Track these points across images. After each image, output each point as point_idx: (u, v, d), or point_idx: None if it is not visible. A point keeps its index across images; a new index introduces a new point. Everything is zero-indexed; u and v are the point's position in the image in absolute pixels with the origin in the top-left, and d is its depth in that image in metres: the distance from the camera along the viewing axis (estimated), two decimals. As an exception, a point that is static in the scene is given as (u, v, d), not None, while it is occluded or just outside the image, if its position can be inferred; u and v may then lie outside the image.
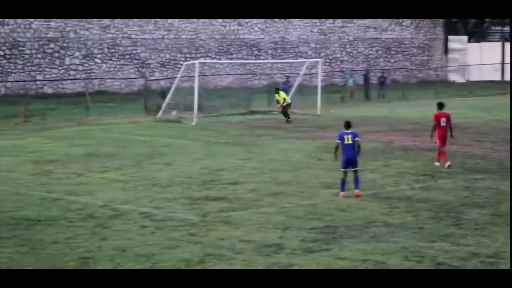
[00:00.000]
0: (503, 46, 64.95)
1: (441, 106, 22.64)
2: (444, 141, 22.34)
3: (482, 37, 72.44)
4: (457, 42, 65.61)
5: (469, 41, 67.04)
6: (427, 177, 20.45)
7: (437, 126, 22.28)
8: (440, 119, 22.28)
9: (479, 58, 64.06)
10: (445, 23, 65.48)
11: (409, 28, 63.42)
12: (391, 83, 55.93)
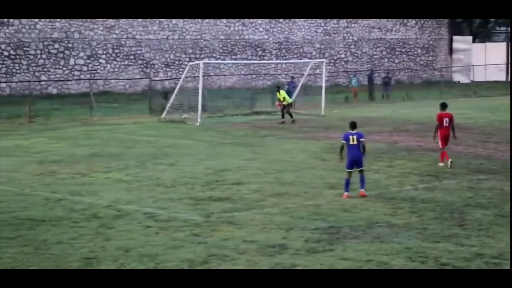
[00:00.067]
0: (507, 46, 64.87)
1: (444, 106, 22.60)
2: (447, 141, 22.31)
3: (487, 38, 72.34)
4: (461, 42, 65.50)
5: (473, 42, 66.95)
6: (431, 177, 20.43)
7: (439, 126, 22.26)
8: (443, 119, 22.25)
9: (484, 58, 63.97)
10: (449, 23, 65.40)
11: (413, 28, 63.36)
12: (395, 83, 55.85)
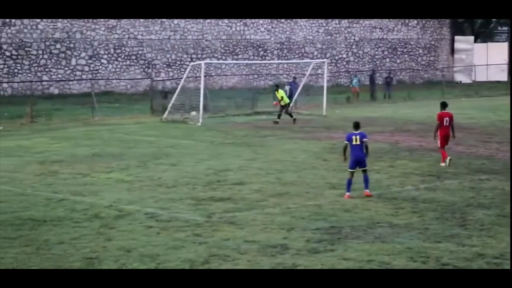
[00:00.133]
0: (509, 46, 64.81)
1: (444, 106, 22.63)
2: (447, 140, 22.34)
3: (489, 38, 72.27)
4: (463, 42, 65.46)
5: (475, 42, 66.90)
6: (433, 177, 20.43)
7: (440, 126, 22.28)
8: (443, 118, 22.28)
9: (486, 58, 63.93)
10: (451, 23, 65.37)
11: (415, 28, 63.34)
12: (397, 83, 55.84)
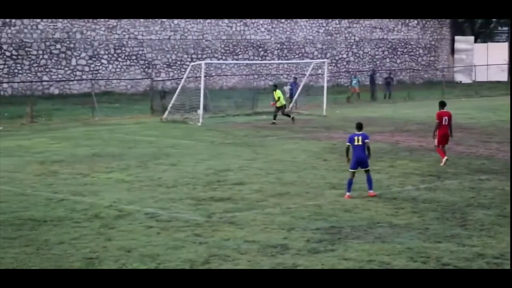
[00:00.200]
0: (510, 46, 64.79)
1: (443, 105, 22.69)
2: (446, 140, 22.38)
3: (489, 38, 72.27)
4: (463, 42, 65.47)
5: (475, 42, 66.90)
6: (433, 177, 20.43)
7: (439, 125, 22.32)
8: (442, 118, 22.32)
9: (486, 58, 63.93)
10: (451, 23, 65.37)
11: (415, 28, 63.34)
12: (397, 83, 55.84)
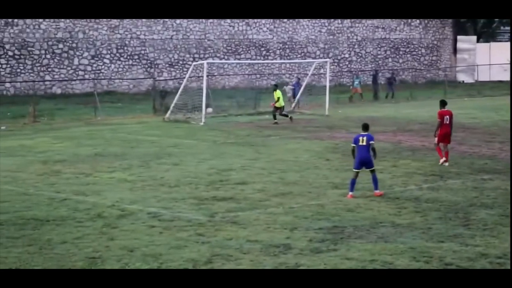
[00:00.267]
0: (510, 46, 64.65)
1: (444, 104, 22.74)
2: (448, 139, 22.39)
3: (491, 37, 72.21)
4: (466, 42, 65.39)
5: (478, 41, 66.82)
6: (436, 177, 20.42)
7: (440, 124, 22.34)
8: (444, 116, 22.34)
9: (488, 58, 63.85)
10: (454, 23, 65.31)
11: (417, 28, 63.29)
12: (399, 83, 55.79)
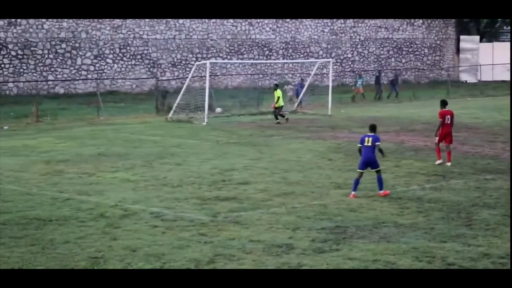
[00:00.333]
0: (510, 46, 64.57)
1: (445, 104, 22.77)
2: (449, 138, 22.39)
3: (494, 37, 72.10)
4: (469, 42, 65.33)
5: (481, 41, 66.76)
6: (438, 177, 20.42)
7: (442, 124, 22.34)
8: (445, 116, 22.35)
9: (491, 58, 63.79)
10: (456, 23, 65.25)
11: (420, 28, 63.25)
12: (402, 83, 55.76)
